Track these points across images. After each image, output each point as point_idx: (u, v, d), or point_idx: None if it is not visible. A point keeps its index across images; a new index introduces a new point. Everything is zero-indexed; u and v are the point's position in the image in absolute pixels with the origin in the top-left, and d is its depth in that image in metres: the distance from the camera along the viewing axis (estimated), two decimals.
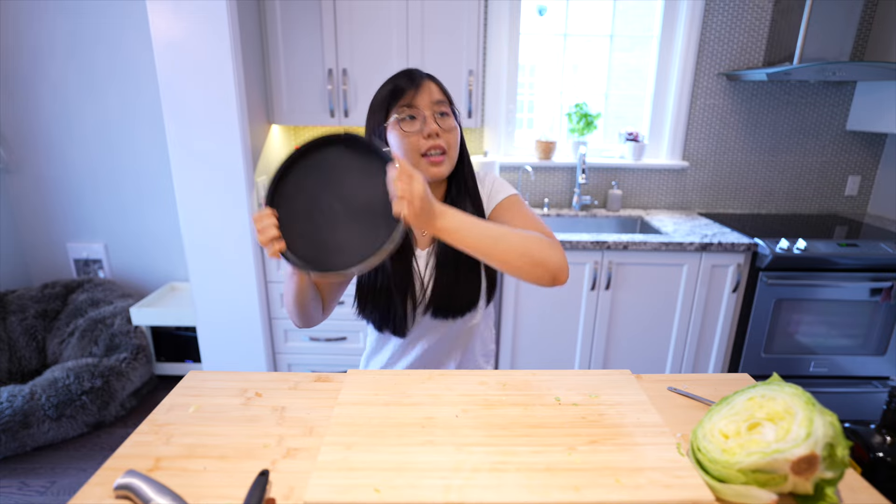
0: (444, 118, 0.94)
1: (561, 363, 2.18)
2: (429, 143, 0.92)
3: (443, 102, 0.94)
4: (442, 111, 0.94)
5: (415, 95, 0.92)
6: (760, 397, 0.64)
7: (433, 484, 0.62)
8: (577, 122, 2.48)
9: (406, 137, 0.92)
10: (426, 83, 0.93)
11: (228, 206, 1.95)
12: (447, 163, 0.94)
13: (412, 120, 0.92)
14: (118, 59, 2.35)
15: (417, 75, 0.93)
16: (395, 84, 0.92)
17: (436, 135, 0.92)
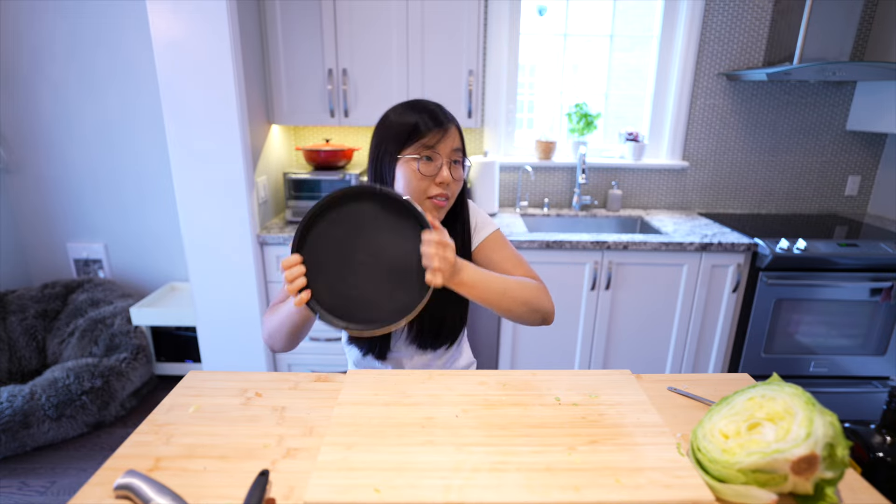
0: (456, 167, 0.96)
1: (561, 363, 2.18)
2: (438, 189, 0.94)
3: (459, 151, 0.95)
4: (456, 159, 0.95)
5: (439, 140, 0.92)
6: (760, 397, 0.64)
7: (433, 484, 0.62)
8: (577, 122, 2.48)
9: (419, 180, 0.92)
10: (451, 130, 0.94)
11: (228, 206, 1.95)
12: (447, 207, 0.97)
13: (428, 162, 0.92)
14: (118, 60, 2.35)
15: (444, 118, 0.93)
16: (419, 121, 0.91)
17: (446, 184, 0.94)
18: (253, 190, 2.00)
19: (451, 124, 0.94)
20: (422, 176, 0.92)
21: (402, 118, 0.93)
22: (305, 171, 2.18)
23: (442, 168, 0.93)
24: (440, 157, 0.93)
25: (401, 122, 0.93)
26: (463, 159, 0.98)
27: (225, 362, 2.16)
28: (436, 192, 0.94)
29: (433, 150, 0.92)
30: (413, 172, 0.92)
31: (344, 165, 2.29)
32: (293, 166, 2.45)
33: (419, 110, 0.93)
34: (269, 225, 2.17)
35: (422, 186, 0.93)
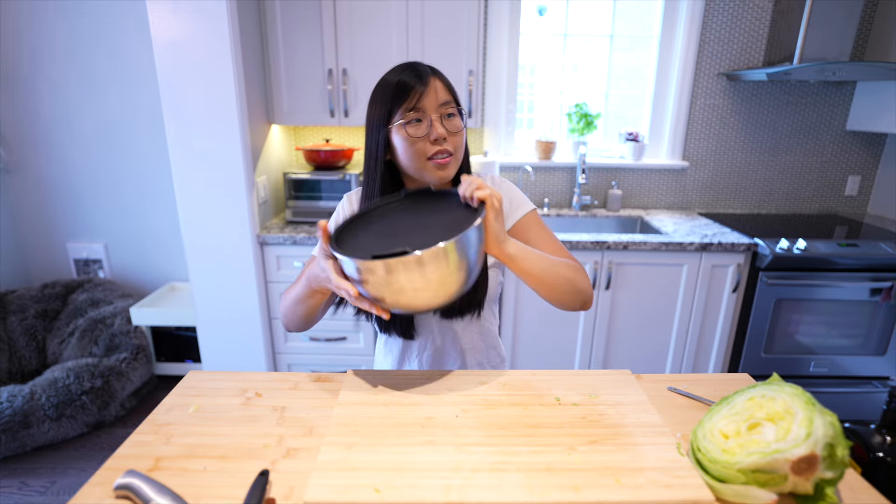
0: (451, 119, 0.92)
1: (561, 363, 2.18)
2: (435, 147, 0.90)
3: (449, 103, 0.91)
4: (449, 112, 0.91)
5: (421, 97, 0.89)
6: (760, 397, 0.64)
7: (433, 484, 0.62)
8: (577, 122, 2.48)
9: (413, 143, 0.90)
10: (433, 82, 0.90)
11: (228, 206, 1.95)
12: (453, 164, 0.93)
13: (418, 123, 0.90)
14: (118, 60, 2.35)
15: (423, 72, 0.90)
16: (399, 80, 0.89)
17: (443, 139, 0.90)
18: (253, 190, 2.00)
19: (432, 76, 0.91)
20: (415, 138, 0.90)
21: (385, 84, 0.92)
22: (305, 171, 2.18)
23: (433, 124, 0.89)
24: (427, 114, 0.89)
25: (384, 87, 0.92)
26: (458, 110, 0.93)
27: (225, 362, 2.16)
28: (433, 151, 0.90)
29: (418, 111, 0.89)
30: (406, 138, 0.90)
31: (344, 165, 2.29)
32: (293, 166, 2.45)
33: (400, 71, 0.91)
34: (269, 225, 2.17)
35: (419, 149, 0.90)
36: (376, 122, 0.94)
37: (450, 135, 0.91)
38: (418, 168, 0.92)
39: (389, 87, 0.91)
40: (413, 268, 0.68)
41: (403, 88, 0.89)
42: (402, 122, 0.89)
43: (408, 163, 0.92)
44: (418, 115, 0.90)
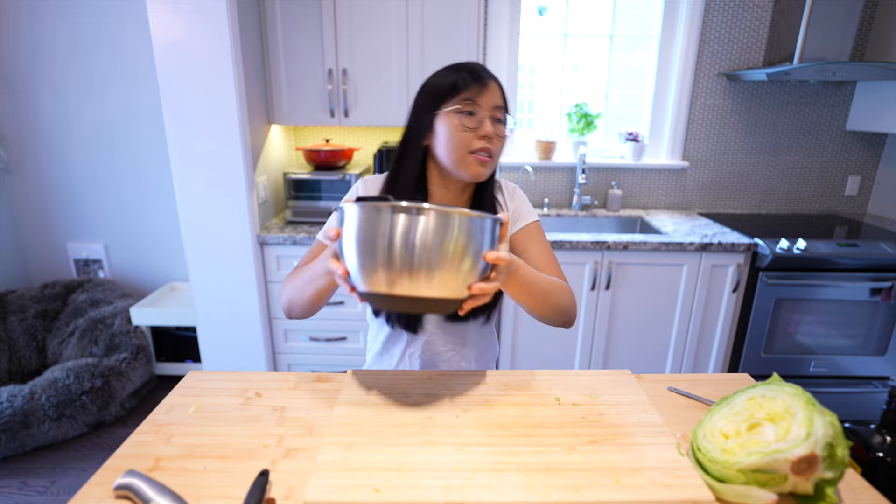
0: (499, 125, 0.93)
1: (561, 363, 2.18)
2: (481, 143, 0.91)
3: (501, 108, 0.93)
4: (498, 117, 0.93)
5: (480, 93, 0.91)
6: (760, 397, 0.64)
7: (433, 484, 0.62)
8: (577, 122, 2.48)
9: (461, 132, 0.91)
10: (493, 84, 0.92)
11: (228, 206, 1.95)
12: (491, 165, 0.95)
13: (471, 116, 0.91)
14: (118, 60, 2.35)
15: (485, 73, 0.92)
16: (459, 76, 0.91)
17: (489, 137, 0.91)
18: (253, 190, 2.00)
19: (492, 80, 0.93)
20: (464, 128, 0.90)
21: (441, 78, 0.93)
22: (305, 171, 2.18)
23: (484, 122, 0.91)
24: (482, 110, 0.91)
25: (440, 80, 0.93)
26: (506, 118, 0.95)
27: (225, 362, 2.16)
28: (478, 146, 0.91)
29: (474, 104, 0.91)
30: (455, 125, 0.91)
31: (344, 165, 2.29)
32: (293, 166, 2.45)
33: (459, 69, 0.93)
34: (269, 225, 2.17)
35: (465, 139, 0.91)
36: (426, 105, 0.94)
37: (496, 137, 0.93)
38: (458, 158, 0.92)
39: (448, 77, 0.92)
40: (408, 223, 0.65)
41: (463, 81, 0.91)
42: (455, 109, 0.91)
43: (449, 151, 0.92)
44: (473, 107, 0.91)
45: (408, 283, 0.68)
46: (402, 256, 0.66)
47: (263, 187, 2.12)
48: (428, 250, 0.66)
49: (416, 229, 0.66)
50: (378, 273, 0.68)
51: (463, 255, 0.68)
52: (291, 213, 2.20)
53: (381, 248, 0.66)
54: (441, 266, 0.67)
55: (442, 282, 0.68)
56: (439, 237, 0.66)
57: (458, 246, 0.67)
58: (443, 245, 0.66)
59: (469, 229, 0.68)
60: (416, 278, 0.67)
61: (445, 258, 0.67)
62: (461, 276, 0.69)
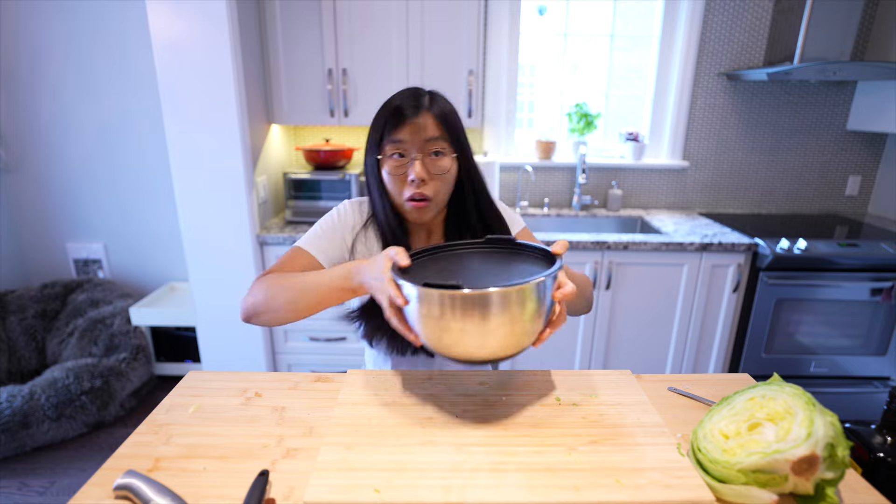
0: (437, 159, 0.86)
1: (561, 363, 2.18)
2: (412, 189, 0.85)
3: (436, 140, 0.85)
4: (435, 150, 0.86)
5: (404, 131, 0.84)
6: (761, 397, 0.64)
7: (433, 484, 0.62)
8: (577, 121, 2.48)
9: (392, 179, 0.87)
10: (423, 116, 0.84)
11: (228, 206, 1.95)
12: (431, 209, 0.89)
13: (400, 158, 0.86)
14: (117, 59, 2.35)
15: (420, 102, 0.85)
16: (393, 107, 0.85)
17: (420, 181, 0.85)
18: (253, 190, 2.00)
19: (425, 111, 0.85)
20: (392, 175, 0.86)
21: (378, 113, 0.88)
22: (305, 171, 2.18)
23: (413, 164, 0.84)
24: (411, 150, 0.84)
25: (377, 117, 0.88)
26: (457, 148, 0.87)
27: (225, 362, 2.16)
28: (409, 193, 0.86)
29: (401, 145, 0.84)
30: (387, 172, 0.87)
31: (344, 165, 2.29)
32: (293, 166, 2.45)
33: (394, 101, 0.86)
34: (268, 225, 2.17)
35: (397, 187, 0.86)
36: (370, 148, 0.91)
37: (431, 177, 0.86)
38: (398, 205, 0.90)
39: (383, 113, 0.87)
40: (459, 306, 0.64)
41: (394, 117, 0.85)
42: (386, 155, 0.86)
43: (392, 197, 0.90)
44: (399, 149, 0.85)
45: (486, 353, 0.68)
46: (480, 336, 0.66)
47: (263, 187, 2.12)
48: (503, 327, 0.66)
49: (492, 313, 0.65)
50: (454, 348, 0.69)
51: (536, 317, 0.68)
52: (291, 212, 2.20)
53: (459, 331, 0.66)
54: (518, 334, 0.68)
55: (517, 343, 0.69)
56: (514, 315, 0.66)
57: (531, 313, 0.67)
58: (517, 319, 0.66)
59: (540, 294, 0.67)
60: (494, 349, 0.68)
61: (521, 328, 0.68)
62: (535, 332, 0.70)
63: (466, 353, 0.69)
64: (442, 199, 0.90)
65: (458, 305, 0.64)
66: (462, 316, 0.65)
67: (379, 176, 0.90)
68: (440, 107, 0.88)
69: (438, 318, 0.66)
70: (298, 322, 2.12)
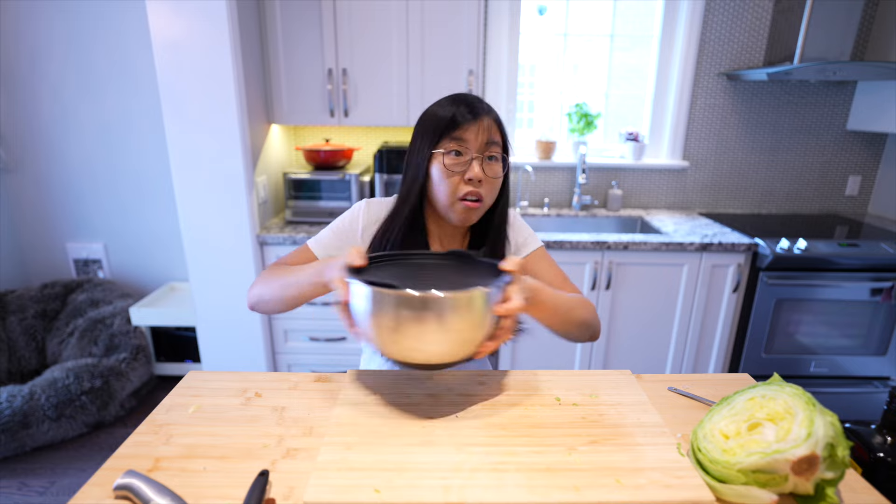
0: (493, 163, 0.89)
1: (561, 363, 2.18)
2: (467, 188, 0.87)
3: (494, 145, 0.88)
4: (491, 154, 0.89)
5: (469, 130, 0.86)
6: (761, 397, 0.64)
7: (433, 484, 0.62)
8: (578, 121, 2.48)
9: (448, 176, 0.87)
10: (484, 120, 0.88)
11: (228, 206, 1.95)
12: (479, 211, 0.91)
13: (457, 157, 0.87)
14: (117, 59, 2.35)
15: (479, 109, 0.88)
16: (455, 113, 0.87)
17: (477, 181, 0.87)
18: (253, 190, 2.00)
19: (486, 115, 0.88)
20: (451, 172, 0.87)
21: (438, 110, 0.89)
22: (305, 171, 2.18)
23: (472, 164, 0.86)
24: (470, 150, 0.87)
25: (435, 114, 0.89)
26: (504, 156, 0.90)
27: (225, 362, 2.16)
28: (464, 192, 0.87)
29: (462, 144, 0.86)
30: (442, 168, 0.87)
31: (344, 165, 2.29)
32: (293, 166, 2.45)
33: (457, 102, 0.89)
34: (268, 225, 2.17)
35: (452, 184, 0.87)
36: (422, 144, 0.90)
37: (486, 178, 0.88)
38: (447, 204, 0.90)
39: (443, 114, 0.88)
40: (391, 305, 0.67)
41: (460, 114, 0.87)
42: (444, 150, 0.87)
43: (438, 195, 0.90)
44: (460, 147, 0.87)
45: (422, 357, 0.71)
46: (414, 338, 0.68)
47: (263, 187, 2.12)
48: (438, 333, 0.68)
49: (426, 317, 0.67)
50: (389, 348, 0.71)
51: (474, 327, 0.70)
52: (291, 212, 2.20)
53: (393, 331, 0.68)
54: (454, 341, 0.69)
55: (455, 351, 0.71)
56: (449, 321, 0.67)
57: (468, 322, 0.69)
58: (453, 326, 0.68)
59: (478, 305, 0.69)
60: (430, 354, 0.70)
61: (457, 336, 0.69)
62: (472, 342, 0.71)
63: (401, 355, 0.71)
64: (489, 204, 0.92)
65: (389, 305, 0.67)
66: (396, 315, 0.67)
67: (425, 172, 0.90)
68: (496, 114, 0.91)
69: (374, 315, 0.68)
70: (298, 322, 2.14)
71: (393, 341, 0.70)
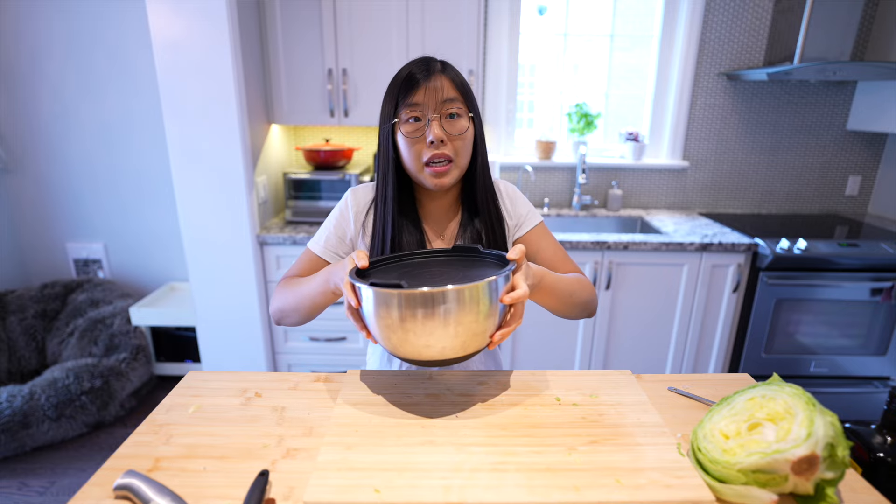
0: (454, 120, 0.85)
1: (561, 363, 2.18)
2: (431, 151, 0.84)
3: (453, 101, 0.85)
4: (451, 111, 0.85)
5: (419, 93, 0.83)
6: (761, 397, 0.64)
7: (433, 484, 0.62)
8: (578, 121, 2.48)
9: (410, 145, 0.85)
10: (437, 78, 0.84)
11: (228, 206, 1.95)
12: (453, 171, 0.87)
13: (417, 122, 0.85)
14: (117, 59, 2.35)
15: (431, 67, 0.85)
16: (406, 74, 0.85)
17: (440, 142, 0.84)
18: (253, 190, 2.00)
19: (439, 74, 0.85)
20: (410, 139, 0.84)
21: (391, 82, 0.87)
22: (305, 171, 2.18)
23: (431, 125, 0.83)
24: (428, 111, 0.83)
25: (391, 86, 0.87)
26: (468, 105, 0.86)
27: (225, 362, 2.16)
28: (429, 156, 0.84)
29: (417, 108, 0.83)
30: (404, 137, 0.85)
31: (344, 165, 2.29)
32: (293, 166, 2.45)
33: (407, 67, 0.87)
34: (268, 225, 2.17)
35: (416, 151, 0.84)
36: (385, 117, 0.89)
37: (450, 137, 0.85)
38: (416, 171, 0.88)
39: (398, 80, 0.87)
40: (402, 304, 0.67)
41: (408, 82, 0.85)
42: (402, 118, 0.85)
43: (408, 165, 0.88)
44: (416, 112, 0.84)
45: (434, 352, 0.70)
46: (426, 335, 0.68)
47: (263, 187, 2.12)
48: (448, 327, 0.68)
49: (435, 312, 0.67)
50: (402, 347, 0.71)
51: (484, 317, 0.70)
52: (291, 212, 2.20)
53: (402, 329, 0.68)
54: (465, 334, 0.69)
55: (467, 344, 0.71)
56: (456, 314, 0.67)
57: (477, 314, 0.69)
58: (462, 319, 0.68)
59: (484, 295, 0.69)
60: (442, 349, 0.70)
61: (467, 328, 0.69)
62: (483, 334, 0.71)
63: (414, 353, 0.71)
64: (463, 161, 0.88)
65: (399, 304, 0.67)
66: (405, 314, 0.67)
67: (394, 146, 0.88)
68: (452, 71, 0.89)
69: (384, 316, 0.69)
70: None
71: (404, 340, 0.69)
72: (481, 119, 0.93)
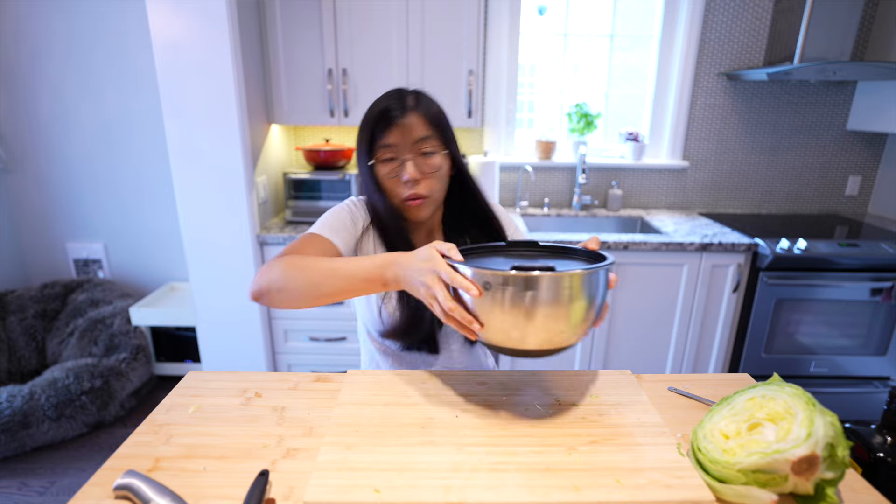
0: (427, 158, 0.88)
1: (561, 363, 2.18)
2: (407, 189, 0.88)
3: (425, 140, 0.87)
4: (424, 150, 0.87)
5: (392, 134, 0.86)
6: (761, 397, 0.64)
7: (433, 484, 0.62)
8: (577, 121, 2.48)
9: (387, 182, 0.89)
10: (410, 116, 0.86)
11: (228, 206, 1.95)
12: (427, 206, 0.91)
13: (391, 162, 0.88)
14: (117, 59, 2.35)
15: (403, 104, 0.86)
16: (379, 111, 0.87)
17: (414, 181, 0.87)
18: (253, 190, 2.00)
19: (412, 112, 0.86)
20: (386, 178, 0.88)
21: (364, 118, 0.89)
22: (305, 171, 2.18)
23: (405, 165, 0.86)
24: (402, 151, 0.86)
25: (364, 122, 0.89)
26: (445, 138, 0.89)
27: (225, 362, 2.16)
28: (406, 194, 0.88)
29: (391, 149, 0.87)
30: (381, 177, 0.89)
31: (344, 165, 2.29)
32: (293, 166, 2.45)
33: (380, 101, 0.88)
34: (268, 225, 2.17)
35: (393, 190, 0.89)
36: (361, 153, 0.91)
37: (424, 175, 0.88)
38: (397, 206, 0.91)
39: (370, 117, 0.88)
40: (554, 288, 0.64)
41: (382, 120, 0.86)
42: (378, 160, 0.88)
43: (390, 199, 0.91)
44: (390, 153, 0.87)
45: (562, 339, 0.69)
46: (560, 319, 0.67)
47: (263, 187, 2.12)
48: (580, 310, 0.68)
49: (561, 296, 0.65)
50: (514, 333, 0.67)
51: (596, 303, 0.70)
52: (291, 212, 2.20)
53: (520, 315, 0.66)
54: (587, 321, 0.70)
55: (585, 330, 0.71)
56: (578, 299, 0.67)
57: (601, 296, 0.70)
58: (582, 303, 0.68)
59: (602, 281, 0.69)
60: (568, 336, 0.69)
61: (591, 315, 0.70)
62: (589, 322, 0.71)
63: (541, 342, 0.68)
64: (437, 196, 0.92)
65: (553, 287, 0.64)
66: (552, 300, 0.65)
67: (375, 179, 0.91)
68: (425, 105, 0.89)
69: (500, 301, 0.65)
70: (298, 322, 2.13)
71: (514, 325, 0.66)
72: (458, 147, 0.94)
